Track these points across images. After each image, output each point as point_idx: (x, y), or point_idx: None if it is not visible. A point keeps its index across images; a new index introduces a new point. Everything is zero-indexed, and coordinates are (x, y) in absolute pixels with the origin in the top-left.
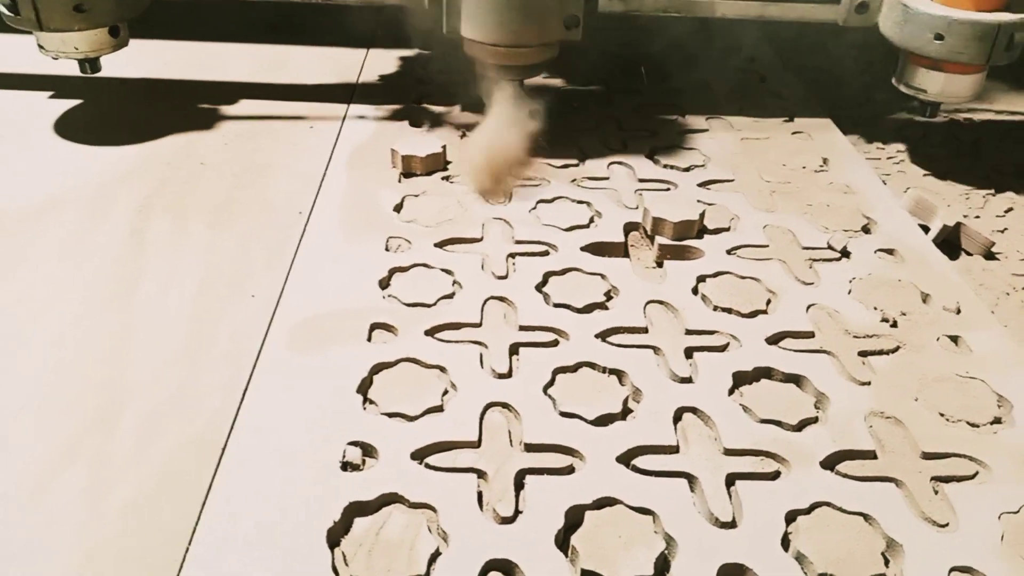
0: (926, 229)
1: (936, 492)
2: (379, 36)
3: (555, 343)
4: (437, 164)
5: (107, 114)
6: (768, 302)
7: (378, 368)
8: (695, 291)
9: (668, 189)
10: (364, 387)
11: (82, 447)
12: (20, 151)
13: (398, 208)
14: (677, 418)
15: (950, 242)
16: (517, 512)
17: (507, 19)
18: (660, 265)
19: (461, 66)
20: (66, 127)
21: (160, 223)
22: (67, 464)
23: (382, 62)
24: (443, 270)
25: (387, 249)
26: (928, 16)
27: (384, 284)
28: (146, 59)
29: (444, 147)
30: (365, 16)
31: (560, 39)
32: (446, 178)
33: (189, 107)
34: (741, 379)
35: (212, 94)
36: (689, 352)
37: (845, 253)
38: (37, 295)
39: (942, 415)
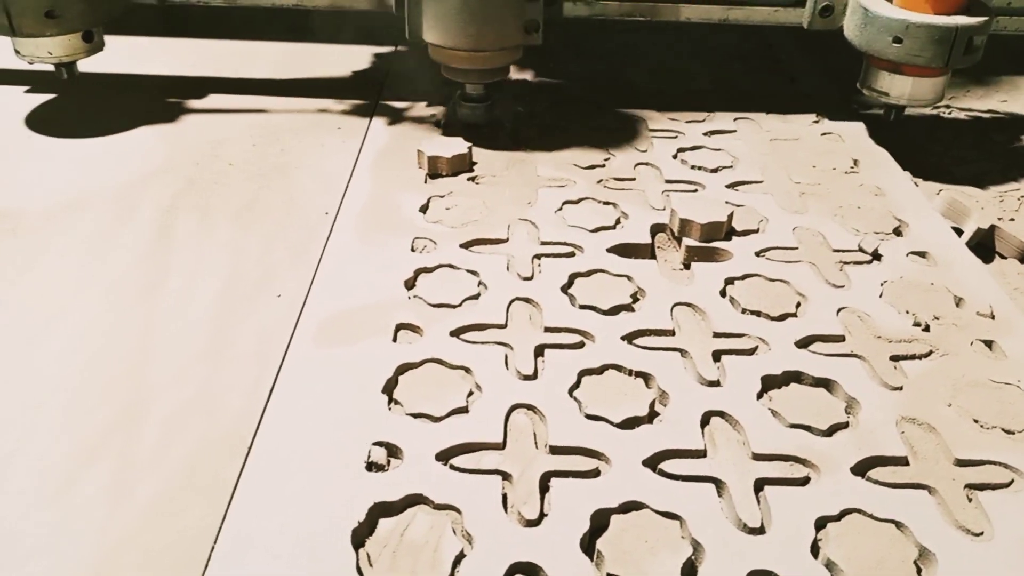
0: (959, 232)
1: (970, 500)
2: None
3: (581, 345)
4: (463, 165)
5: (134, 113)
6: (798, 305)
7: (403, 368)
8: (723, 293)
9: (695, 190)
10: (389, 387)
11: (106, 445)
12: (46, 150)
13: (424, 209)
14: (704, 422)
15: (984, 245)
16: (542, 515)
17: (466, 24)
18: (687, 267)
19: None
20: (93, 126)
21: (186, 222)
22: (91, 462)
23: (410, 62)
24: (468, 271)
25: (413, 250)
26: (887, 19)
27: (410, 284)
28: (172, 58)
29: (470, 148)
30: (391, 17)
31: (520, 43)
32: (472, 179)
33: (216, 107)
34: (770, 383)
35: (240, 92)
36: (717, 355)
37: (876, 256)
38: (62, 292)
39: (976, 421)
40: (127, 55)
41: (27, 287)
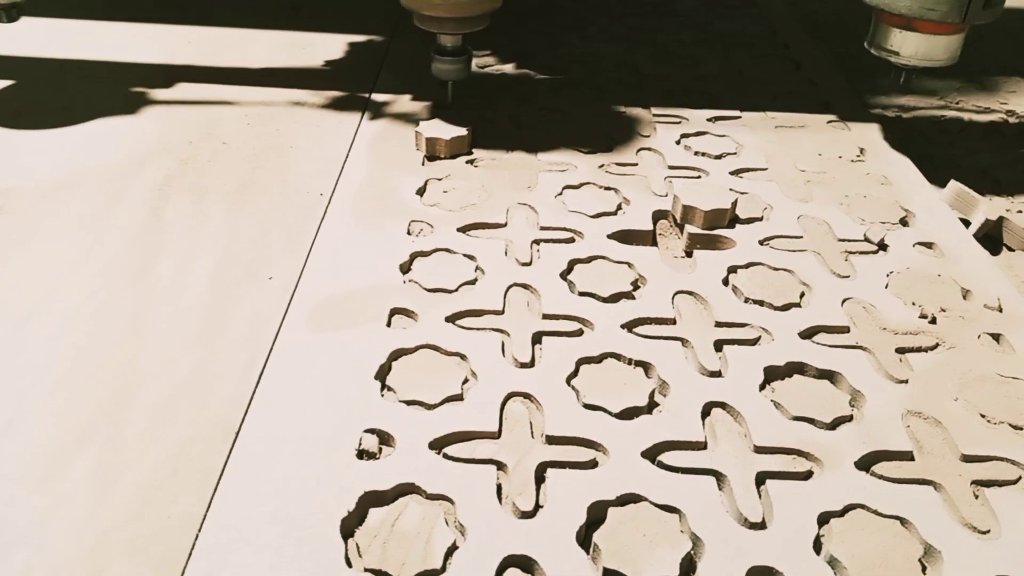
0: (967, 223)
1: (976, 497)
2: (405, 18)
3: (579, 333)
4: (462, 147)
5: (128, 95)
6: (802, 295)
7: (397, 354)
8: (726, 282)
9: (699, 177)
10: (382, 373)
11: (93, 431)
12: (39, 129)
13: (421, 192)
14: (705, 413)
15: (992, 237)
16: (537, 507)
17: None
18: (689, 255)
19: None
20: (87, 105)
21: (179, 203)
22: (78, 448)
23: (407, 44)
24: (466, 255)
25: (409, 233)
26: None
27: (405, 268)
28: (169, 42)
29: (469, 130)
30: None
31: None
32: (470, 162)
33: (211, 89)
34: (773, 374)
35: (235, 76)
36: (719, 345)
37: (882, 246)
38: (52, 273)
39: (983, 416)
40: (120, 42)
41: (16, 268)
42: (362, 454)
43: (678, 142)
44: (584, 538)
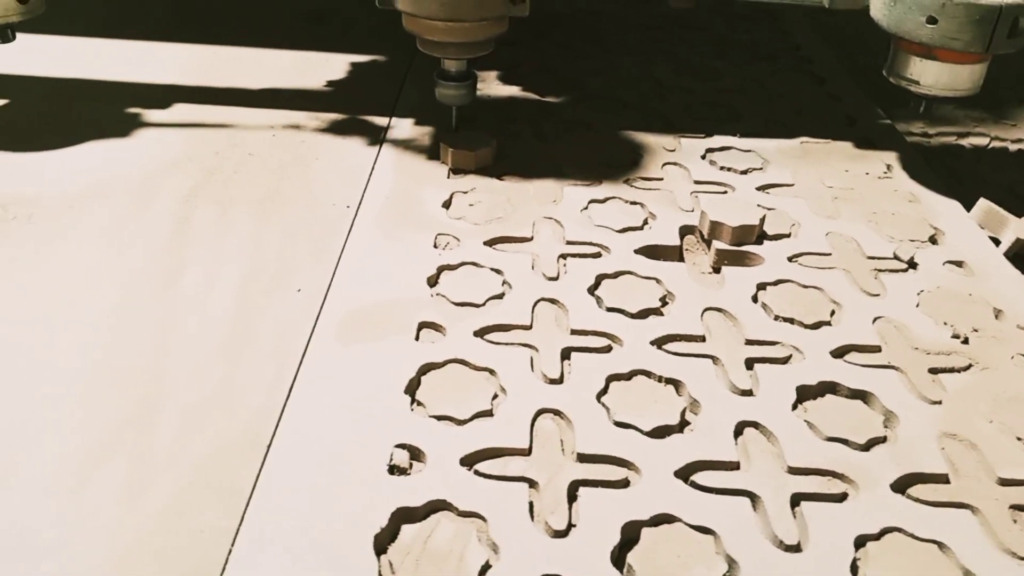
0: (996, 242)
1: (1015, 522)
2: None
3: (608, 349)
4: (486, 160)
5: (152, 108)
6: (832, 313)
7: (426, 368)
8: (755, 299)
9: (725, 192)
10: (412, 387)
11: (121, 441)
12: (66, 138)
13: (447, 204)
14: (738, 432)
15: (1023, 256)
16: (570, 525)
17: None
18: (717, 271)
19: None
20: (111, 118)
21: (205, 213)
22: (106, 458)
23: (431, 58)
24: (492, 269)
25: (435, 246)
26: None
27: (432, 282)
28: (190, 58)
29: (494, 143)
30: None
31: (504, 14)
32: (496, 175)
33: (235, 101)
34: (805, 393)
35: (259, 90)
36: (749, 363)
37: (912, 264)
38: (78, 282)
39: (1020, 439)
40: (139, 59)
41: (43, 275)
42: (393, 469)
43: (703, 156)
44: (618, 558)
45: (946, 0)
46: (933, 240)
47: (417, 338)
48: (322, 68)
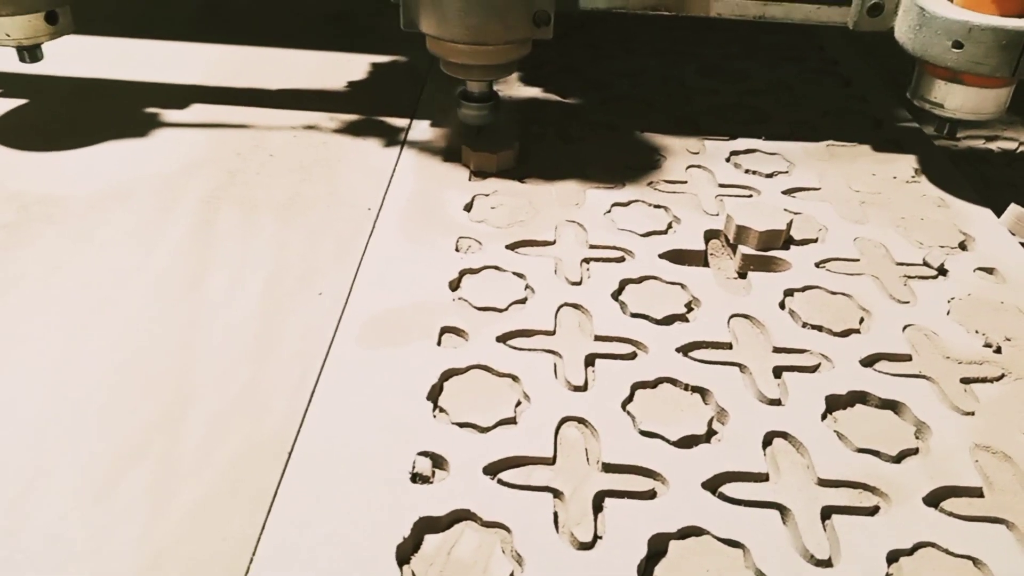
0: None
1: None
2: None
3: (633, 356)
4: (509, 163)
5: (174, 109)
6: (861, 320)
7: (448, 374)
8: (782, 306)
9: (750, 195)
10: (434, 393)
11: (148, 445)
12: (88, 139)
13: (468, 207)
14: (766, 443)
15: None
16: (596, 537)
17: (467, 14)
18: (743, 276)
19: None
20: (134, 120)
21: (228, 214)
22: (133, 463)
23: None
24: (515, 273)
25: (457, 249)
26: (946, 20)
27: (454, 285)
28: (212, 59)
29: (517, 145)
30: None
31: (528, 37)
32: (518, 178)
33: (256, 102)
34: (834, 403)
35: (280, 91)
36: (778, 371)
37: (942, 271)
38: (102, 283)
39: None
40: (162, 60)
41: (67, 276)
42: (416, 477)
43: (728, 159)
44: (645, 571)
45: (972, 25)
46: (963, 246)
47: (439, 343)
48: (343, 69)
